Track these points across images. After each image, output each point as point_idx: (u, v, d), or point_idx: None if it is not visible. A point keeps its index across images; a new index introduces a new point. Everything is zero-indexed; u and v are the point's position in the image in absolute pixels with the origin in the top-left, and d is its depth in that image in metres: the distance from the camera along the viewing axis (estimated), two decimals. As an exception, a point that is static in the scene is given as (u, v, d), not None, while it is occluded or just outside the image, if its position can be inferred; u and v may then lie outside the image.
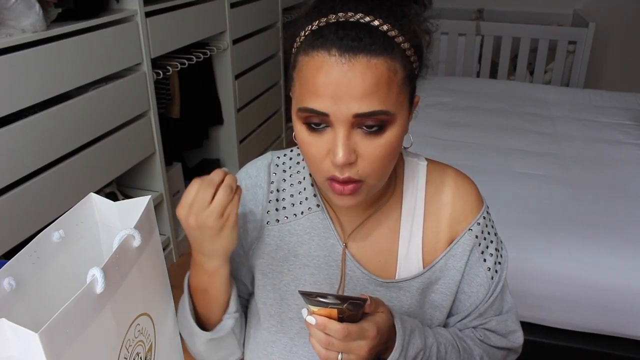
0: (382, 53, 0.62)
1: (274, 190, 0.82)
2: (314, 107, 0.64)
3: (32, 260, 0.58)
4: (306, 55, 0.65)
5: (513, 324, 0.85)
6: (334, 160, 0.65)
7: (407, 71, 0.66)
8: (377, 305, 0.67)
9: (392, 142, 0.66)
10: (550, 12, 4.03)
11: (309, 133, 0.67)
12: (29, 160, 1.61)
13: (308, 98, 0.64)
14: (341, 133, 0.64)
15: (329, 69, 0.62)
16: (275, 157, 0.85)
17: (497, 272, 0.81)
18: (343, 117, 0.63)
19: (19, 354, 0.46)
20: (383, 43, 0.62)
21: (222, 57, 2.77)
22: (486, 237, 0.81)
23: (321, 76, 0.63)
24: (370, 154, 0.65)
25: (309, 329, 0.64)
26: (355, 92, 0.62)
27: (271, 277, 0.81)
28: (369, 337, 0.64)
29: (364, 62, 0.61)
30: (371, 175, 0.67)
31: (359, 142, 0.65)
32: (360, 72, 0.61)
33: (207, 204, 0.66)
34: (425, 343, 0.73)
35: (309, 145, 0.67)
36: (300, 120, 0.67)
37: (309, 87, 0.64)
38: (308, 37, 0.65)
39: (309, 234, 0.80)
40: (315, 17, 0.66)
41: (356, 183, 0.67)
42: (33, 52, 1.58)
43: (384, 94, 0.63)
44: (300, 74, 0.66)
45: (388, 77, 0.63)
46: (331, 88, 0.62)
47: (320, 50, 0.63)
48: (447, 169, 0.83)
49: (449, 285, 0.80)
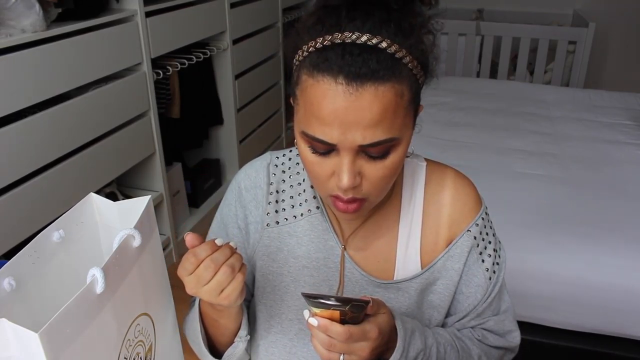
0: (390, 78, 0.61)
1: (274, 192, 0.82)
2: (321, 138, 0.63)
3: (32, 260, 0.58)
4: (310, 77, 0.63)
5: (510, 324, 0.85)
6: (339, 184, 0.66)
7: (414, 90, 0.65)
8: (378, 307, 0.68)
9: (395, 163, 0.67)
10: (550, 12, 4.03)
11: (313, 155, 0.67)
12: (28, 160, 1.61)
13: (314, 126, 0.64)
14: (346, 159, 0.64)
15: (335, 97, 0.61)
16: (274, 158, 0.85)
17: (495, 273, 0.81)
18: (349, 145, 0.63)
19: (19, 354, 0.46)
20: (391, 67, 0.61)
21: (222, 57, 2.77)
22: (484, 238, 0.81)
23: (327, 105, 0.61)
24: (374, 175, 0.66)
25: (311, 331, 0.64)
26: (362, 122, 0.61)
27: (271, 279, 0.82)
28: (371, 338, 0.64)
29: (371, 91, 0.60)
30: (373, 194, 0.69)
31: (364, 165, 0.66)
32: (367, 101, 0.60)
33: (205, 282, 0.63)
34: (425, 343, 0.73)
35: (313, 165, 0.68)
36: (304, 141, 0.67)
37: (314, 113, 0.63)
38: (312, 55, 0.63)
39: (308, 235, 0.80)
40: (320, 33, 0.63)
41: (360, 202, 0.68)
42: (33, 52, 1.58)
43: (390, 122, 0.62)
44: (304, 95, 0.65)
45: (395, 102, 0.62)
46: (338, 118, 0.61)
47: (326, 75, 0.61)
48: (446, 169, 0.83)
49: (447, 285, 0.80)
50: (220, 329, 0.77)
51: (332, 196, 0.69)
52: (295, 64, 0.67)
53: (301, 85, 0.65)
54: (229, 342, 0.79)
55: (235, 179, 0.86)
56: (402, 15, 0.64)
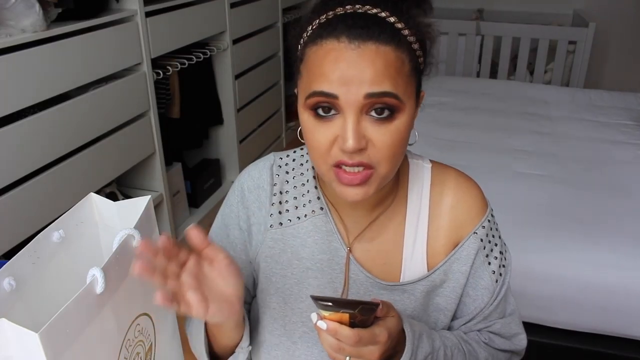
0: (390, 42, 0.63)
1: (277, 193, 0.81)
2: (323, 89, 0.63)
3: (32, 260, 0.58)
4: (314, 45, 0.65)
5: (516, 327, 0.85)
6: (344, 146, 0.63)
7: (414, 63, 0.66)
8: (388, 310, 0.67)
9: (401, 130, 0.65)
10: (550, 12, 4.03)
11: (316, 121, 0.66)
12: (28, 160, 1.61)
13: (316, 82, 0.64)
14: (351, 118, 0.63)
15: (338, 54, 0.62)
16: (277, 158, 0.84)
17: (502, 275, 0.81)
18: (353, 100, 0.62)
19: (19, 354, 0.46)
20: (391, 33, 0.63)
21: (222, 57, 2.77)
22: (491, 240, 0.80)
23: (330, 61, 0.63)
24: (381, 140, 0.64)
25: (320, 334, 0.63)
26: (365, 75, 0.62)
27: (274, 281, 0.81)
28: (380, 342, 0.64)
29: (373, 49, 0.62)
30: (381, 163, 0.66)
31: (369, 128, 0.64)
32: (369, 57, 0.62)
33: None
34: (433, 346, 0.73)
35: (315, 134, 0.66)
36: (307, 108, 0.66)
37: (316, 72, 0.64)
38: (316, 29, 0.66)
39: (312, 237, 0.79)
40: (323, 11, 0.66)
41: (367, 170, 0.65)
42: (33, 52, 1.58)
43: (393, 79, 0.63)
44: (307, 64, 0.66)
45: (396, 65, 0.63)
46: (340, 71, 0.62)
47: (328, 38, 0.63)
48: (451, 171, 0.83)
49: (454, 288, 0.80)
50: (223, 338, 0.77)
51: (335, 167, 0.66)
52: (300, 46, 0.69)
53: (305, 58, 0.67)
54: (230, 352, 0.78)
55: (238, 180, 0.85)
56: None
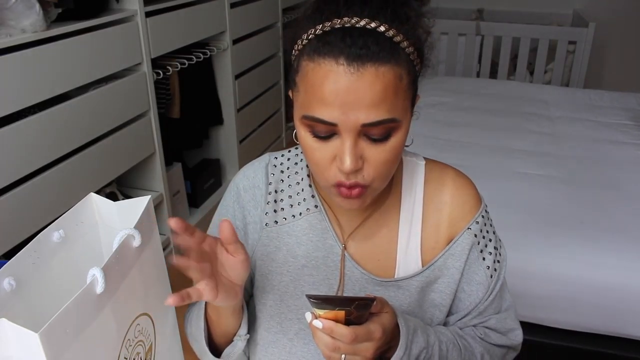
0: (389, 60, 0.62)
1: (272, 192, 0.82)
2: (322, 118, 0.63)
3: (32, 260, 0.58)
4: (311, 61, 0.64)
5: (512, 322, 0.85)
6: (342, 167, 0.65)
7: (412, 75, 0.66)
8: (382, 306, 0.68)
9: (396, 147, 0.67)
10: (550, 12, 4.03)
11: (314, 140, 0.67)
12: (28, 160, 1.61)
13: (315, 107, 0.64)
14: (348, 142, 0.64)
15: (337, 77, 0.62)
16: (272, 158, 0.85)
17: (496, 271, 0.81)
18: (351, 126, 0.63)
19: (19, 354, 0.46)
20: (390, 50, 0.62)
21: (222, 57, 2.77)
22: (485, 236, 0.81)
23: (329, 85, 0.62)
24: (376, 159, 0.66)
25: (314, 333, 0.64)
26: (363, 101, 0.62)
27: (270, 279, 0.82)
28: (375, 338, 0.64)
29: (372, 71, 0.61)
30: (376, 180, 0.68)
31: (365, 148, 0.65)
32: (368, 81, 0.61)
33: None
34: (427, 341, 0.73)
35: (314, 152, 0.67)
36: (305, 126, 0.67)
37: (315, 95, 0.64)
38: (312, 41, 0.64)
39: (307, 235, 0.80)
40: (319, 21, 0.65)
41: (362, 187, 0.68)
42: (33, 52, 1.58)
43: (391, 102, 0.63)
44: (305, 80, 0.65)
45: (395, 84, 0.63)
46: (340, 98, 0.62)
47: (326, 57, 0.62)
48: (445, 168, 0.83)
49: (449, 284, 0.80)
50: (221, 327, 0.77)
51: (334, 186, 0.68)
52: (295, 54, 0.68)
53: (301, 71, 0.66)
54: (228, 341, 0.79)
55: (234, 181, 0.86)
56: (397, 2, 0.66)
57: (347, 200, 0.69)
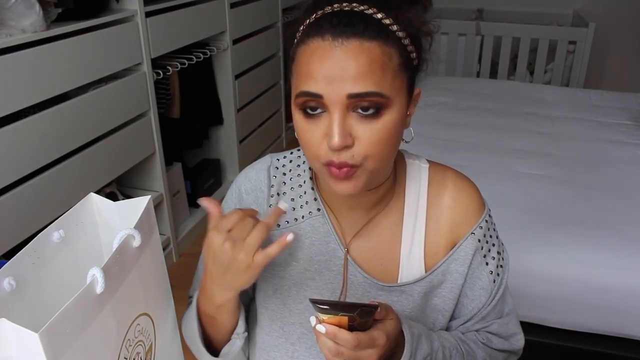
0: (375, 38, 0.63)
1: (274, 194, 0.81)
2: (308, 90, 0.64)
3: (32, 260, 0.58)
4: (302, 44, 0.66)
5: (514, 327, 0.85)
6: (330, 143, 0.64)
7: (403, 58, 0.66)
8: (387, 312, 0.67)
9: (388, 127, 0.65)
10: (550, 12, 4.03)
11: (305, 120, 0.67)
12: (28, 160, 1.61)
13: (303, 82, 0.65)
14: (336, 115, 0.64)
15: (322, 52, 0.63)
16: (274, 160, 0.84)
17: (499, 276, 0.81)
18: (337, 98, 0.63)
19: (19, 354, 0.46)
20: (377, 30, 0.64)
21: (222, 57, 2.77)
22: (488, 241, 0.80)
23: (315, 60, 0.64)
24: (367, 137, 0.65)
25: (318, 338, 0.63)
26: (348, 73, 0.62)
27: (272, 282, 0.81)
28: (379, 345, 0.64)
29: (357, 45, 0.62)
30: (368, 159, 0.66)
31: (355, 125, 0.65)
32: (353, 54, 0.62)
33: (245, 236, 0.64)
34: (431, 347, 0.73)
35: (305, 132, 0.67)
36: (297, 108, 0.67)
37: (303, 72, 0.65)
38: (305, 29, 0.67)
39: (309, 238, 0.80)
40: (313, 12, 0.67)
41: (351, 167, 0.66)
42: (33, 52, 1.58)
43: (378, 76, 0.63)
44: (297, 64, 0.67)
45: (382, 60, 0.63)
46: (324, 70, 0.63)
47: (314, 37, 0.64)
48: (448, 171, 0.83)
49: (452, 289, 0.80)
50: (218, 327, 0.77)
51: (326, 165, 0.67)
52: (293, 46, 0.70)
53: (295, 58, 0.68)
54: (226, 340, 0.79)
55: (236, 183, 0.85)
56: None
57: (338, 183, 0.67)
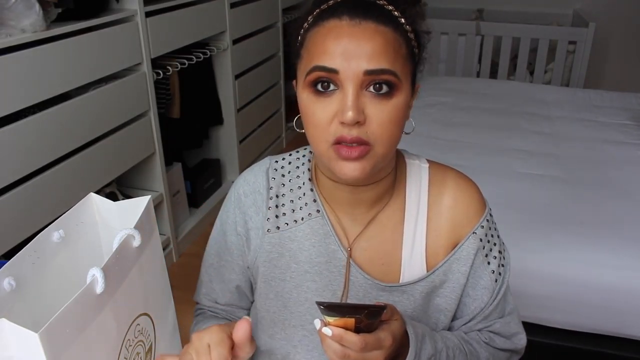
0: (389, 24, 0.65)
1: (273, 196, 0.81)
2: (324, 64, 0.64)
3: (32, 260, 0.58)
4: (315, 26, 0.67)
5: (516, 326, 0.85)
6: (343, 117, 0.64)
7: (410, 49, 0.68)
8: (392, 313, 0.67)
9: (398, 108, 0.66)
10: (550, 12, 4.03)
11: (315, 98, 0.66)
12: (28, 160, 1.61)
13: (317, 58, 0.65)
14: (350, 91, 0.64)
15: (339, 31, 0.64)
16: (273, 162, 0.84)
17: (501, 275, 0.81)
18: (353, 74, 0.64)
19: (19, 354, 0.46)
20: (389, 17, 0.66)
21: (222, 57, 2.77)
22: (490, 240, 0.80)
23: (331, 37, 0.65)
24: (379, 117, 0.65)
25: (323, 341, 0.63)
26: (364, 50, 0.63)
27: (274, 285, 0.81)
28: (385, 346, 0.64)
29: (372, 27, 0.64)
30: (378, 141, 0.66)
31: (368, 104, 0.65)
32: (369, 33, 0.64)
33: None
34: (435, 348, 0.73)
35: (314, 111, 0.67)
36: (307, 85, 0.67)
37: (318, 49, 0.66)
38: (318, 14, 0.68)
39: (309, 240, 0.79)
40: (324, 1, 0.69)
41: (364, 145, 0.65)
42: (33, 52, 1.58)
43: (392, 57, 0.65)
44: (308, 45, 0.68)
45: (395, 44, 0.65)
46: (341, 46, 0.64)
47: (330, 18, 0.66)
48: (449, 171, 0.83)
49: (454, 288, 0.79)
50: None
51: (334, 144, 0.66)
52: (301, 33, 0.70)
53: (306, 41, 0.69)
54: None
55: (234, 186, 0.85)
56: None
57: (346, 164, 0.66)
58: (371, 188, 0.76)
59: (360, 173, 0.67)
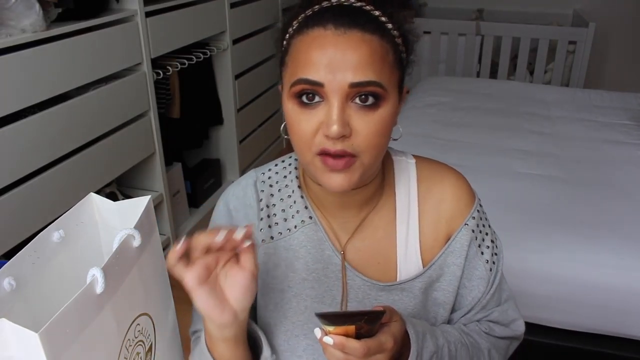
0: (375, 32, 0.64)
1: (264, 207, 0.80)
2: (308, 77, 0.63)
3: (32, 260, 0.58)
4: (300, 34, 0.66)
5: (513, 313, 0.85)
6: (328, 131, 0.63)
7: (397, 56, 0.67)
8: (392, 315, 0.67)
9: (385, 120, 0.66)
10: (550, 12, 4.03)
11: (300, 109, 0.65)
12: (28, 160, 1.61)
13: (302, 69, 0.64)
14: (335, 104, 0.63)
15: (324, 41, 0.63)
16: (260, 174, 0.83)
17: (495, 264, 0.81)
18: (338, 87, 0.63)
19: (19, 354, 0.46)
20: (375, 24, 0.65)
21: (222, 57, 2.77)
22: (482, 230, 0.81)
23: (316, 47, 0.63)
24: (365, 129, 0.64)
25: (325, 350, 0.62)
26: (350, 62, 0.62)
27: (272, 296, 0.80)
28: (387, 349, 0.64)
29: (358, 36, 0.63)
30: (365, 152, 0.65)
31: (353, 116, 0.64)
32: (355, 43, 0.63)
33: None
34: (437, 344, 0.73)
35: (299, 122, 0.66)
36: (291, 97, 0.66)
37: (302, 60, 0.64)
38: (302, 21, 0.67)
39: (304, 247, 0.79)
40: (309, 5, 0.68)
41: (350, 157, 0.65)
42: (33, 52, 1.58)
43: (378, 67, 0.64)
44: (293, 54, 0.67)
45: (381, 53, 0.64)
46: (326, 58, 0.62)
47: (315, 27, 0.64)
48: (435, 165, 0.83)
49: (451, 281, 0.80)
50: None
51: (319, 154, 0.65)
52: (286, 38, 0.69)
53: (291, 48, 0.67)
54: None
55: (223, 200, 0.83)
56: None
57: (332, 176, 0.66)
58: (360, 191, 0.76)
59: (348, 184, 0.67)
